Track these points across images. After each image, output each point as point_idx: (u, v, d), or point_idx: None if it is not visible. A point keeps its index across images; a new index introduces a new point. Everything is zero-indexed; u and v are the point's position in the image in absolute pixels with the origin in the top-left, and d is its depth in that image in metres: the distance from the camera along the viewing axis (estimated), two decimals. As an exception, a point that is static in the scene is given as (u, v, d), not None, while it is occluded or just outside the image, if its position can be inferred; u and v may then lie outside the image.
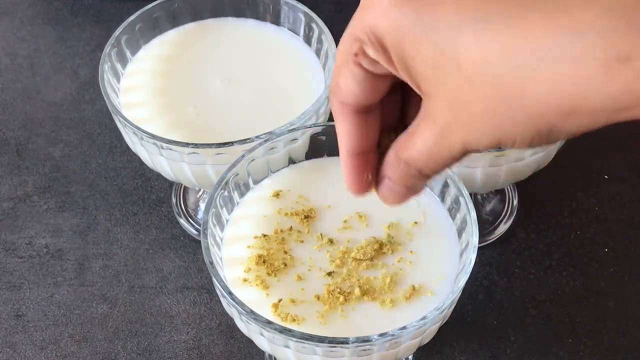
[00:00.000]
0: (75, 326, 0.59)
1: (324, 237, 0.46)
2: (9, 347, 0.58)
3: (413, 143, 0.31)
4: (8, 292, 0.61)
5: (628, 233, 0.63)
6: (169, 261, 0.62)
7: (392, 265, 0.45)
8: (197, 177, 0.53)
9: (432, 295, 0.44)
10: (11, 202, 0.66)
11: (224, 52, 0.60)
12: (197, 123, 0.55)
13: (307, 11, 0.59)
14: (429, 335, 0.44)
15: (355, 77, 0.32)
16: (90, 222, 0.65)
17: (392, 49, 0.30)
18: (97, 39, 0.78)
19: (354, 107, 0.33)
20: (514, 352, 0.57)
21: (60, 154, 0.69)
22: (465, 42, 0.28)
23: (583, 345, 0.57)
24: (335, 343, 0.39)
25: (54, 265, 0.62)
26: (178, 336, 0.58)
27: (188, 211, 0.66)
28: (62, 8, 0.82)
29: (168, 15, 0.60)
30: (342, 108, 0.34)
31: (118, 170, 0.68)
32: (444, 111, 0.29)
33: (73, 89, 0.74)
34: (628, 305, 0.59)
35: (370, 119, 0.34)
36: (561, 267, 0.61)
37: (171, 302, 0.60)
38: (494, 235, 0.63)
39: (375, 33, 0.30)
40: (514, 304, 0.59)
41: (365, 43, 0.31)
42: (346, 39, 0.32)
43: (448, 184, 0.47)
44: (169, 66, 0.58)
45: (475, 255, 0.43)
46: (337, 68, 0.33)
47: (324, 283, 0.44)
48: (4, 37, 0.79)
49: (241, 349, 0.57)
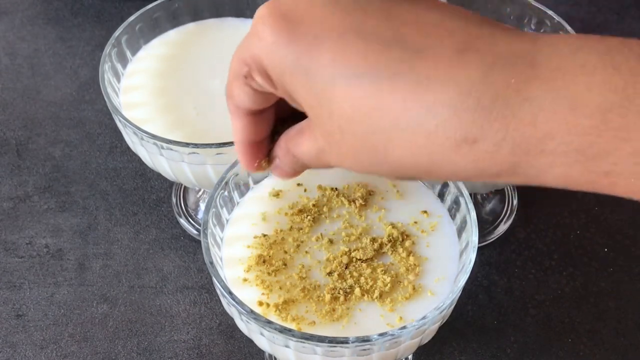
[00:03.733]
0: (76, 326, 0.59)
1: (324, 237, 0.46)
2: (9, 346, 0.58)
3: (300, 143, 0.34)
4: (8, 292, 0.61)
5: (628, 233, 0.63)
6: (169, 261, 0.62)
7: (392, 265, 0.45)
8: (197, 177, 0.53)
9: (432, 295, 0.44)
10: (11, 202, 0.66)
11: (224, 52, 0.59)
12: (197, 123, 0.55)
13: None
14: (429, 335, 0.44)
15: (246, 93, 0.34)
16: (90, 222, 0.65)
17: (275, 81, 0.32)
18: (97, 39, 0.78)
19: (247, 111, 0.35)
20: (514, 352, 0.57)
21: (61, 154, 0.69)
22: (337, 95, 0.29)
23: (583, 345, 0.57)
24: (335, 343, 0.39)
25: (54, 265, 0.62)
26: (178, 336, 0.58)
27: (188, 211, 0.66)
28: (62, 8, 0.82)
29: (168, 15, 0.60)
30: (237, 109, 0.36)
31: (118, 170, 0.68)
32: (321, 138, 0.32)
33: (73, 89, 0.75)
34: (628, 305, 0.59)
35: (263, 117, 0.36)
36: (561, 267, 0.61)
37: (171, 302, 0.60)
38: (494, 235, 0.63)
39: (260, 64, 0.31)
40: (514, 304, 0.59)
41: (252, 70, 0.32)
42: (236, 59, 0.33)
43: (448, 183, 0.47)
44: (169, 66, 0.58)
45: (475, 255, 0.43)
46: (230, 80, 0.34)
47: (324, 283, 0.44)
48: (4, 37, 0.79)
49: (241, 349, 0.57)
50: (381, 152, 0.29)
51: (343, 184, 0.49)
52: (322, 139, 0.32)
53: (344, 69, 0.29)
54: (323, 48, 0.29)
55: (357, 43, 0.29)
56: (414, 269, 0.44)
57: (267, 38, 0.30)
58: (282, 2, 0.31)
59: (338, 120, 0.30)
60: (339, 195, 0.49)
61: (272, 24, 0.30)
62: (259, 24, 0.31)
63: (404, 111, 0.28)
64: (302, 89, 0.30)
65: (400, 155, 0.29)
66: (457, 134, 0.27)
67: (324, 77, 0.29)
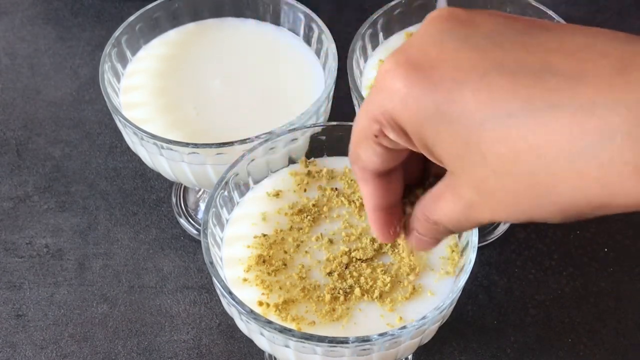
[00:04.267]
0: (76, 326, 0.59)
1: (324, 236, 0.46)
2: (9, 347, 0.58)
3: (440, 208, 0.31)
4: (8, 292, 0.61)
5: (628, 233, 0.63)
6: (169, 261, 0.62)
7: (392, 265, 0.45)
8: (197, 177, 0.53)
9: (432, 295, 0.44)
10: (11, 202, 0.66)
11: (224, 52, 0.60)
12: (197, 123, 0.55)
13: (307, 11, 0.59)
14: (429, 335, 0.44)
15: (376, 152, 0.32)
16: (90, 222, 0.65)
17: (412, 135, 0.30)
18: (97, 39, 0.78)
19: (376, 172, 0.33)
20: (514, 352, 0.57)
21: (60, 154, 0.69)
22: (490, 137, 0.27)
23: (583, 345, 0.57)
24: (335, 343, 0.39)
25: (54, 265, 0.62)
26: (178, 336, 0.58)
27: (188, 211, 0.66)
28: (62, 8, 0.82)
29: (168, 15, 0.60)
30: (364, 173, 0.34)
31: (118, 170, 0.68)
32: (470, 190, 0.29)
33: (73, 89, 0.75)
34: (628, 305, 0.59)
35: (392, 178, 0.34)
36: (561, 267, 0.61)
37: (171, 302, 0.60)
38: (494, 235, 0.63)
39: (395, 119, 0.29)
40: (514, 304, 0.59)
41: (384, 126, 0.30)
42: (364, 118, 0.31)
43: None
44: (169, 66, 0.58)
45: (475, 255, 0.43)
46: (356, 142, 0.33)
47: (324, 283, 0.44)
48: (4, 37, 0.79)
49: (241, 349, 0.57)
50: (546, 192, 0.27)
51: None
52: (471, 191, 0.29)
53: (493, 109, 0.27)
54: (465, 91, 0.27)
55: (502, 80, 0.27)
56: (414, 269, 0.44)
57: (400, 91, 0.28)
58: (408, 51, 0.29)
59: (492, 164, 0.27)
60: (339, 195, 0.49)
61: (402, 75, 0.28)
62: (387, 78, 0.29)
63: (571, 142, 0.25)
64: (445, 139, 0.28)
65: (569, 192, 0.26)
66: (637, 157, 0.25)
67: (471, 121, 0.27)
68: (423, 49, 0.29)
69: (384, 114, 0.30)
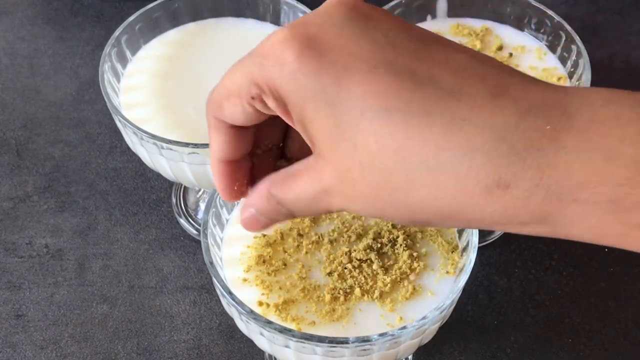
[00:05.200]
0: (75, 326, 0.59)
1: (324, 237, 0.46)
2: (9, 347, 0.58)
3: (291, 187, 0.31)
4: (8, 292, 0.61)
5: (628, 233, 0.63)
6: (169, 261, 0.62)
7: (392, 265, 0.45)
8: (197, 177, 0.53)
9: (432, 295, 0.44)
10: (11, 202, 0.66)
11: (224, 52, 0.60)
12: (197, 123, 0.55)
13: (307, 11, 0.58)
14: (429, 335, 0.44)
15: (244, 111, 0.32)
16: (90, 222, 0.65)
17: (291, 108, 0.30)
18: (97, 39, 0.78)
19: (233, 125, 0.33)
20: (514, 352, 0.57)
21: (60, 154, 0.69)
22: (364, 129, 0.28)
23: (583, 345, 0.57)
24: (335, 343, 0.39)
25: (54, 265, 0.62)
26: (178, 336, 0.58)
27: (188, 211, 0.66)
28: (62, 8, 0.82)
29: (168, 15, 0.60)
30: (219, 123, 0.33)
31: (118, 170, 0.68)
32: (331, 176, 0.30)
33: (73, 89, 0.75)
34: (628, 305, 0.59)
35: (247, 132, 0.34)
36: (561, 267, 0.61)
37: (171, 302, 0.60)
38: (494, 235, 0.63)
39: (278, 90, 0.30)
40: (514, 304, 0.59)
41: (265, 94, 0.30)
42: (242, 77, 0.31)
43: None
44: (169, 66, 0.58)
45: (475, 255, 0.43)
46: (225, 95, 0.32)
47: (324, 283, 0.44)
48: (4, 37, 0.79)
49: (241, 349, 0.57)
50: (402, 193, 0.28)
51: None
52: (332, 177, 0.30)
53: (375, 103, 0.28)
54: (353, 80, 0.28)
55: (389, 77, 0.28)
56: (414, 269, 0.44)
57: (291, 64, 0.29)
58: (306, 26, 0.29)
59: (361, 155, 0.28)
60: (339, 195, 0.48)
61: (297, 49, 0.29)
62: (280, 47, 0.29)
63: (435, 151, 0.27)
64: (323, 119, 0.29)
65: (423, 197, 0.28)
66: (490, 178, 0.27)
67: (352, 109, 0.28)
68: (322, 29, 0.29)
69: (268, 82, 0.30)
